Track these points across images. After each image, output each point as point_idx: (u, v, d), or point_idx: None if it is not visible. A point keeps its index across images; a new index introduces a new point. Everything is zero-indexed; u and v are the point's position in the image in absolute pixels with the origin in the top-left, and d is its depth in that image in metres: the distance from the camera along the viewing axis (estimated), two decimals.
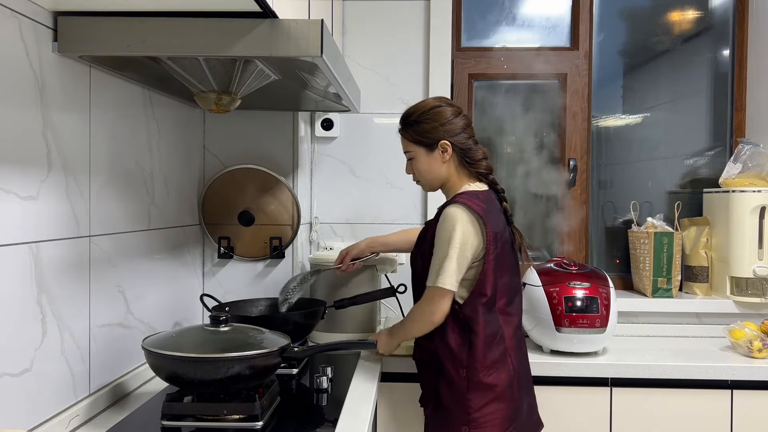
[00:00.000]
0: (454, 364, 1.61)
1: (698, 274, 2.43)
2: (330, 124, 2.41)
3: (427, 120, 1.65)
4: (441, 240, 1.58)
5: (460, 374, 1.60)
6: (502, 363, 1.61)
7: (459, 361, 1.60)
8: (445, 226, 1.58)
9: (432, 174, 1.69)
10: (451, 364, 1.61)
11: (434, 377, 1.66)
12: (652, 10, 2.59)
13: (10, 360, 1.17)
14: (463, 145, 1.66)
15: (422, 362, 1.74)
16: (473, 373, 1.59)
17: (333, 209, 2.46)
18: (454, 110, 1.67)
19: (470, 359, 1.59)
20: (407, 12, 2.44)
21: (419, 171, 1.71)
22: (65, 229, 1.33)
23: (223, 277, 2.23)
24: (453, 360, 1.61)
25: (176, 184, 1.96)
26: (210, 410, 1.37)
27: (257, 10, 1.22)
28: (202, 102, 1.55)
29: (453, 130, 1.65)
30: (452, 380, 1.61)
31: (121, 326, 1.59)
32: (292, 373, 1.74)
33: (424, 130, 1.65)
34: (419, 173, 1.71)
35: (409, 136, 1.68)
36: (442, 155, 1.66)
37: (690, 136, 2.60)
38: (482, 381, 1.58)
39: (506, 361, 1.62)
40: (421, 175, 1.71)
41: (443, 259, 1.56)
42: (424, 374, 1.73)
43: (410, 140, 1.68)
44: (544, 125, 2.57)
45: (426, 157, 1.67)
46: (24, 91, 1.20)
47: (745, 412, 1.92)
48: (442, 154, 1.66)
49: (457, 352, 1.60)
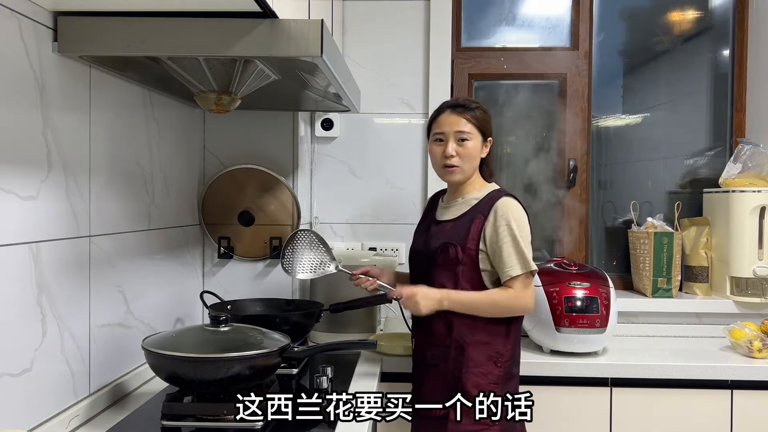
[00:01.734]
0: (488, 354, 1.64)
1: (698, 274, 2.42)
2: (330, 124, 2.41)
3: (487, 113, 1.76)
4: (506, 228, 1.63)
5: (497, 365, 1.64)
6: (519, 356, 1.73)
7: (495, 351, 1.65)
8: (507, 215, 1.64)
9: (475, 162, 1.74)
10: (483, 356, 1.64)
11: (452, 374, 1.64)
12: (652, 10, 2.59)
13: (10, 360, 1.17)
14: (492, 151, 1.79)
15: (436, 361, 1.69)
16: (508, 363, 1.66)
17: (333, 209, 2.46)
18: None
19: (506, 348, 1.66)
20: (407, 12, 2.44)
21: (470, 154, 1.71)
22: (65, 229, 1.33)
23: (223, 277, 2.23)
24: (487, 350, 1.64)
25: (176, 184, 1.96)
26: (210, 410, 1.37)
27: (257, 10, 1.22)
28: (202, 102, 1.55)
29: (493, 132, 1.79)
30: (485, 372, 1.63)
31: (121, 326, 1.59)
32: (292, 373, 1.74)
33: (486, 120, 1.74)
34: (468, 156, 1.71)
35: (474, 120, 1.72)
36: (484, 149, 1.75)
37: (690, 136, 2.60)
38: (512, 372, 1.68)
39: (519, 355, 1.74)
40: (468, 160, 1.72)
41: (519, 245, 1.62)
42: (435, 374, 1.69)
43: (475, 124, 1.72)
44: (544, 125, 2.57)
45: (478, 144, 1.73)
46: (24, 91, 1.20)
47: (745, 412, 1.92)
48: (484, 148, 1.75)
49: (494, 342, 1.65)
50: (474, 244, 1.65)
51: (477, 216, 1.67)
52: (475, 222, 1.67)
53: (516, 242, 1.62)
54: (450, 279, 1.67)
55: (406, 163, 2.44)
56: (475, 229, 1.66)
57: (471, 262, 1.65)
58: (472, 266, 1.65)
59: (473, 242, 1.65)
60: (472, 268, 1.65)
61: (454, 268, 1.66)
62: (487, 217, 1.66)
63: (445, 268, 1.68)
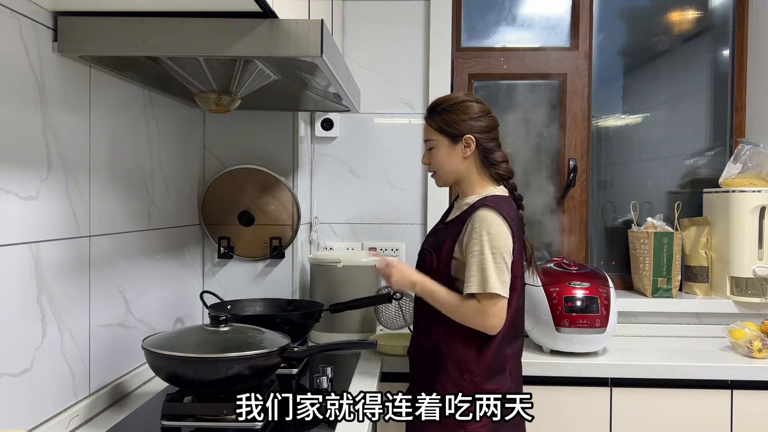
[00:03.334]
0: (459, 367, 1.59)
1: (698, 274, 2.42)
2: (330, 124, 2.41)
3: (457, 111, 1.63)
4: (474, 243, 1.55)
5: (465, 378, 1.59)
6: (502, 372, 1.61)
7: (465, 366, 1.59)
8: (478, 229, 1.55)
9: (449, 166, 1.66)
10: (455, 367, 1.60)
11: (430, 376, 1.64)
12: (652, 10, 2.59)
13: (10, 360, 1.17)
14: (486, 144, 1.65)
15: (417, 359, 1.71)
16: (479, 378, 1.58)
17: (333, 209, 2.46)
18: (483, 108, 1.67)
19: (478, 365, 1.58)
20: (407, 12, 2.44)
21: (437, 161, 1.67)
22: (65, 229, 1.33)
23: (223, 277, 2.23)
24: (458, 363, 1.59)
25: (176, 184, 1.96)
26: (210, 410, 1.37)
27: (257, 10, 1.22)
28: (202, 102, 1.55)
29: (479, 127, 1.64)
30: (454, 383, 1.59)
31: (121, 326, 1.59)
32: (292, 373, 1.74)
33: (452, 121, 1.63)
34: (437, 164, 1.68)
35: (435, 124, 1.65)
36: (464, 150, 1.64)
37: (690, 136, 2.60)
38: (486, 387, 1.57)
39: (506, 370, 1.62)
40: (439, 166, 1.68)
41: (483, 264, 1.52)
42: (418, 372, 1.71)
43: (435, 128, 1.66)
44: (544, 125, 2.57)
45: (447, 148, 1.65)
46: (24, 91, 1.19)
47: (745, 412, 1.92)
48: (465, 148, 1.64)
49: (463, 357, 1.59)
50: (447, 254, 1.61)
51: (459, 224, 1.63)
52: (453, 230, 1.63)
53: (481, 258, 1.53)
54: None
55: (406, 163, 2.44)
56: (450, 238, 1.62)
57: (445, 270, 1.62)
58: (446, 273, 1.62)
59: (447, 251, 1.61)
60: (447, 275, 1.61)
61: (430, 274, 1.64)
62: (464, 226, 1.60)
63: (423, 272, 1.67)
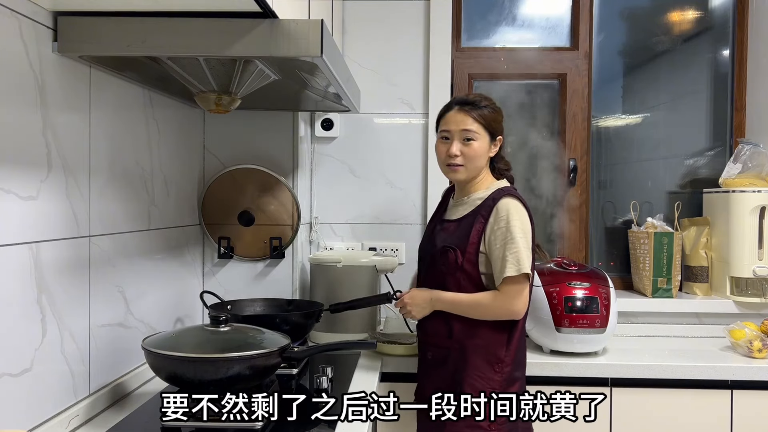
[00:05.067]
0: (488, 359, 1.62)
1: (698, 274, 2.42)
2: (330, 124, 2.41)
3: (497, 111, 1.73)
4: (505, 230, 1.60)
5: (495, 370, 1.62)
6: (524, 359, 1.72)
7: (495, 357, 1.62)
8: (507, 217, 1.61)
9: (481, 161, 1.70)
10: (483, 360, 1.62)
11: (452, 376, 1.64)
12: (652, 10, 2.59)
13: (10, 360, 1.17)
14: (502, 148, 1.76)
15: (438, 361, 1.70)
16: (509, 368, 1.63)
17: (333, 209, 2.46)
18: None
19: (507, 354, 1.63)
20: (407, 12, 2.44)
21: (476, 154, 1.68)
22: (65, 229, 1.33)
23: (223, 277, 2.22)
24: (487, 355, 1.62)
25: (176, 184, 1.96)
26: (210, 410, 1.36)
27: (257, 10, 1.22)
28: (202, 102, 1.55)
29: (504, 131, 1.75)
30: (484, 377, 1.61)
31: (121, 326, 1.59)
32: (292, 373, 1.74)
33: (495, 120, 1.71)
34: (474, 156, 1.68)
35: (482, 118, 1.69)
36: (492, 148, 1.72)
37: (690, 136, 2.60)
38: (514, 376, 1.65)
39: (524, 358, 1.72)
40: (474, 159, 1.69)
41: (517, 247, 1.58)
42: (436, 374, 1.70)
43: (482, 123, 1.68)
44: (544, 125, 2.57)
45: (486, 143, 1.70)
46: (24, 91, 1.19)
47: (745, 412, 1.92)
48: (493, 147, 1.72)
49: (494, 347, 1.62)
50: (474, 248, 1.64)
51: (479, 217, 1.65)
52: (477, 224, 1.65)
53: (513, 243, 1.59)
54: (451, 281, 1.66)
55: (406, 163, 2.44)
56: (475, 231, 1.64)
57: (471, 266, 1.64)
58: (472, 269, 1.64)
59: (473, 246, 1.64)
60: (473, 271, 1.64)
61: (454, 273, 1.65)
62: (488, 218, 1.64)
63: (446, 271, 1.68)
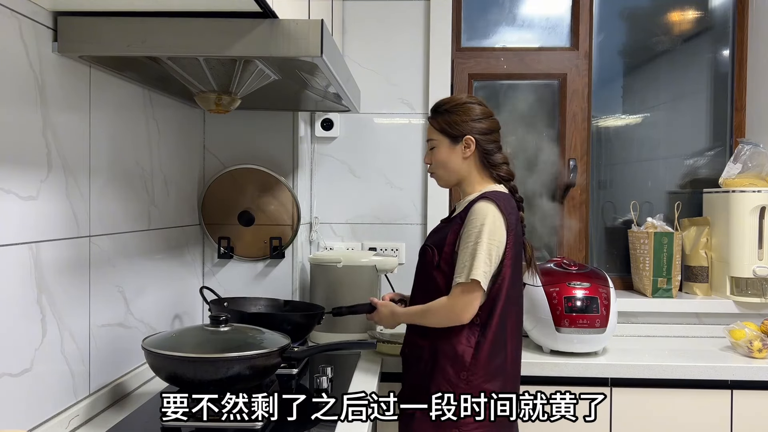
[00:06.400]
0: (454, 366, 1.59)
1: (698, 274, 2.42)
2: (330, 124, 2.41)
3: (458, 112, 1.67)
4: (470, 234, 1.57)
5: (461, 377, 1.58)
6: (502, 371, 1.61)
7: (461, 364, 1.58)
8: (474, 220, 1.58)
9: (450, 166, 1.69)
10: (450, 366, 1.59)
11: (425, 377, 1.63)
12: (652, 10, 2.59)
13: (10, 360, 1.17)
14: (486, 145, 1.68)
15: (411, 360, 1.70)
16: (474, 378, 1.58)
17: (333, 209, 2.46)
18: (484, 110, 1.70)
19: (473, 364, 1.58)
20: (407, 12, 2.44)
21: (438, 161, 1.70)
22: (65, 229, 1.33)
23: (223, 277, 2.23)
24: (454, 362, 1.59)
25: (176, 184, 1.96)
26: (210, 410, 1.36)
27: (257, 10, 1.22)
28: (202, 102, 1.55)
29: (480, 128, 1.67)
30: (449, 382, 1.58)
31: (121, 326, 1.59)
32: (292, 373, 1.74)
33: (453, 121, 1.66)
34: (437, 164, 1.70)
35: (437, 124, 1.69)
36: (464, 150, 1.67)
37: (690, 136, 2.60)
38: (481, 386, 1.57)
39: (505, 370, 1.62)
40: (439, 166, 1.70)
41: (474, 253, 1.55)
42: (411, 372, 1.70)
43: (437, 128, 1.69)
44: (544, 125, 2.57)
45: (448, 148, 1.68)
46: (24, 91, 1.19)
47: (745, 412, 1.92)
48: (464, 149, 1.67)
49: (461, 355, 1.58)
50: (450, 248, 1.63)
51: (459, 219, 1.64)
52: (454, 225, 1.65)
53: (474, 249, 1.55)
54: (429, 280, 1.66)
55: (406, 163, 2.44)
56: (452, 232, 1.64)
57: (447, 266, 1.63)
58: (449, 270, 1.62)
59: (450, 246, 1.63)
60: (450, 271, 1.62)
61: (432, 271, 1.65)
62: (464, 220, 1.62)
63: (426, 269, 1.69)
